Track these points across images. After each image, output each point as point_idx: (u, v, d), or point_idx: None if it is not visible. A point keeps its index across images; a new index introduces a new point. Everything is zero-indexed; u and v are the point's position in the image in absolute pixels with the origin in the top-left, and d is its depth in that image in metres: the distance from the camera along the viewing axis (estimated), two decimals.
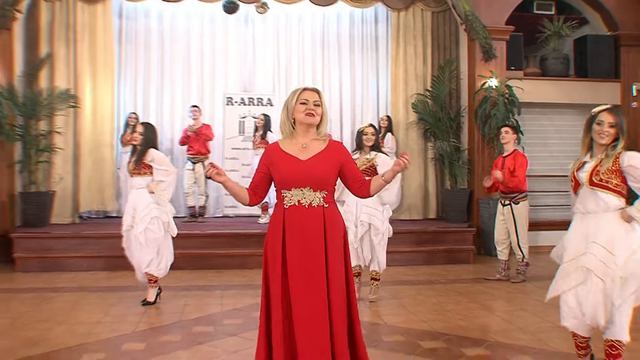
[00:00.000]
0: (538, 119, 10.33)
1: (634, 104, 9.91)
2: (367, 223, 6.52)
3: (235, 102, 10.73)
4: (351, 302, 3.93)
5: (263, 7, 9.96)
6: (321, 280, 3.83)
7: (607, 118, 3.98)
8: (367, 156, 6.54)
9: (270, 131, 9.74)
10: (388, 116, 10.26)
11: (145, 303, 6.77)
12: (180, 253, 7.31)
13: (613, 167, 3.98)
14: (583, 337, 4.04)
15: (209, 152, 9.89)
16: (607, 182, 3.99)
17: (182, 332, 5.85)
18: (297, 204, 3.88)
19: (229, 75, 11.03)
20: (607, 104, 4.11)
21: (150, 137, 6.64)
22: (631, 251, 3.90)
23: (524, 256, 7.55)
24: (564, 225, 5.44)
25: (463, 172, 9.71)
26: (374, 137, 6.62)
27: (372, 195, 3.97)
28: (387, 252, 7.08)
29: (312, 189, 3.79)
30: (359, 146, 6.68)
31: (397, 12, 10.15)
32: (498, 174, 7.18)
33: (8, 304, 7.22)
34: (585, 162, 4.08)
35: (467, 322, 5.89)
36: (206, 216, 10.19)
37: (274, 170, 3.87)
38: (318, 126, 3.85)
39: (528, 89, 9.75)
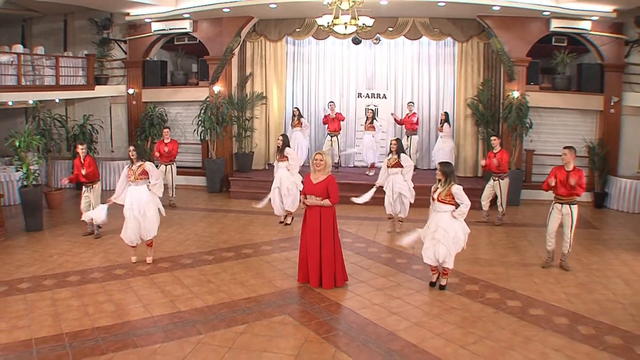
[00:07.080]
0: (550, 117, 13.56)
1: (612, 110, 13.00)
2: (397, 192, 9.77)
3: (363, 95, 15.77)
4: (336, 248, 6.92)
5: (377, 40, 15.15)
6: (317, 236, 6.80)
7: (438, 167, 7.04)
8: (395, 156, 9.60)
9: (376, 119, 14.17)
10: (445, 112, 14.13)
11: (285, 224, 10.30)
12: None
13: (448, 192, 6.87)
14: (434, 266, 7.20)
15: (340, 129, 14.38)
16: (444, 198, 6.92)
17: (295, 242, 8.48)
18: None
19: (358, 79, 16.10)
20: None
21: (287, 141, 10.14)
22: (454, 232, 6.91)
23: (503, 210, 10.78)
24: None
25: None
26: (396, 146, 9.59)
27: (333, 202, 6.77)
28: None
29: (315, 197, 6.81)
30: (390, 150, 9.69)
31: (460, 42, 14.08)
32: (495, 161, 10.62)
33: (221, 219, 10.67)
34: (437, 188, 7.00)
35: None
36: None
37: (304, 186, 7.01)
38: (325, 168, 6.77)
39: (542, 98, 13.20)
